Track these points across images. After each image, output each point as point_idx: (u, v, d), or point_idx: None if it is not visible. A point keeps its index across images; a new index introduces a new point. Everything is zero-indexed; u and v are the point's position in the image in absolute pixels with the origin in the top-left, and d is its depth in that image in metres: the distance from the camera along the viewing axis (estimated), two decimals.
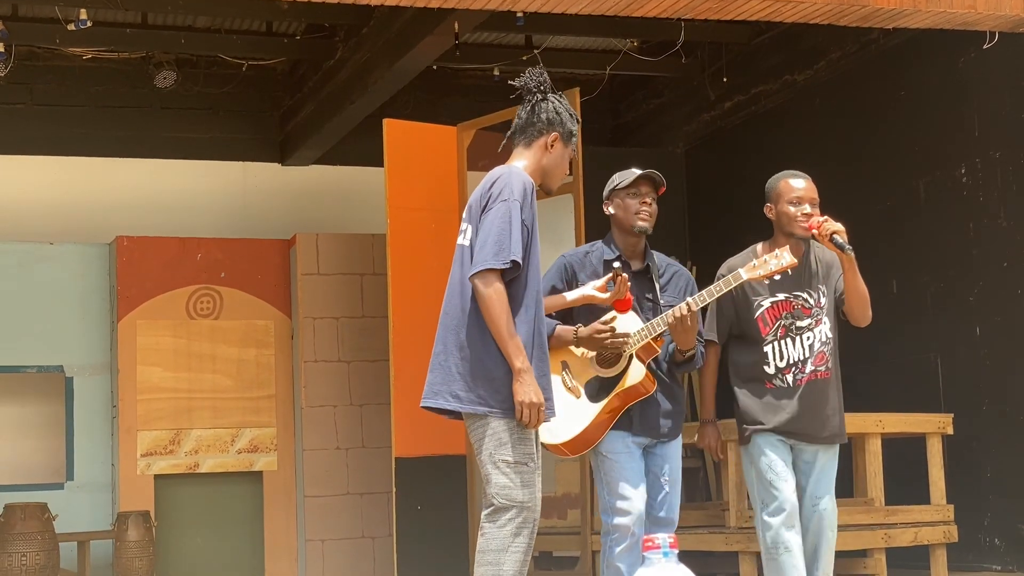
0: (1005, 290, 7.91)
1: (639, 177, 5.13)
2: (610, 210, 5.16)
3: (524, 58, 10.28)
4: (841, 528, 7.22)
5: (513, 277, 4.25)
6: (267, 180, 10.88)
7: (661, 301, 5.07)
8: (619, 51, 10.47)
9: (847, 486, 7.79)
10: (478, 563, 4.21)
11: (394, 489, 8.51)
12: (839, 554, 7.42)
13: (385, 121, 8.68)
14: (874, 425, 7.48)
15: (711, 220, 10.44)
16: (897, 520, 7.50)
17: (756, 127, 10.07)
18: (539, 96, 4.53)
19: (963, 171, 8.22)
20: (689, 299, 4.89)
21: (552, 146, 4.49)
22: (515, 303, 4.25)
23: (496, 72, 10.53)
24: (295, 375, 10.13)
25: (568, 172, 4.65)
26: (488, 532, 4.21)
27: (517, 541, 4.19)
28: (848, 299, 5.16)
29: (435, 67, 9.83)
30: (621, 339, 4.84)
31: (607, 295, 4.81)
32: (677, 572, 3.07)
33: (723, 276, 5.19)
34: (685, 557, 3.30)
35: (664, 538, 3.07)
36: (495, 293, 4.17)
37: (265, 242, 10.32)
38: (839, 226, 5.05)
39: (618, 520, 4.91)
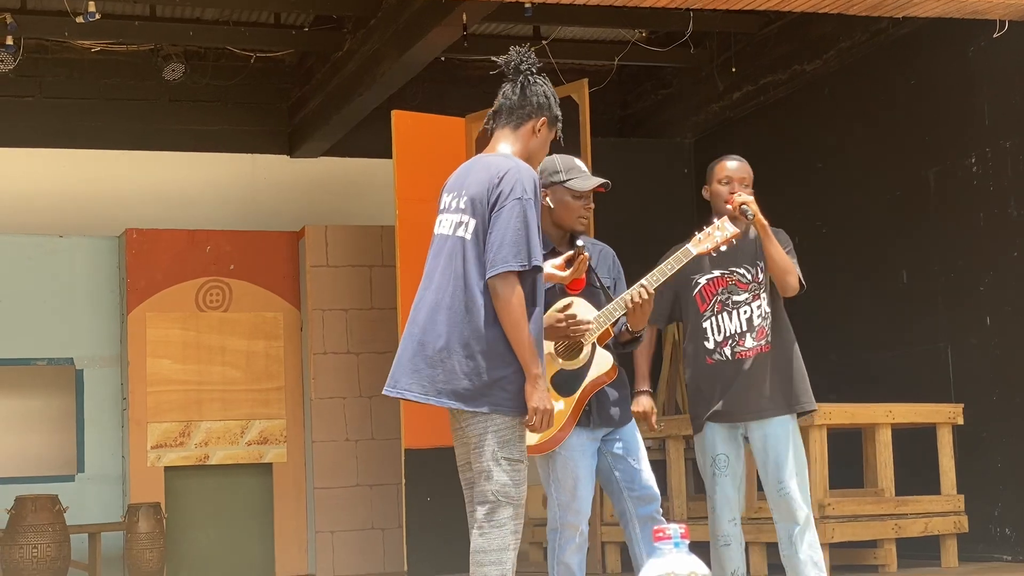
0: (1015, 280, 7.90)
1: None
2: (548, 201, 4.88)
3: (532, 49, 10.25)
4: (851, 518, 7.24)
5: (528, 279, 4.16)
6: (276, 172, 10.88)
7: (604, 283, 5.02)
8: (627, 42, 10.46)
9: (857, 476, 7.80)
10: (478, 563, 4.14)
11: (403, 480, 8.52)
12: (849, 544, 7.45)
13: (393, 113, 8.68)
14: (884, 415, 7.48)
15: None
16: (907, 510, 7.50)
17: (765, 117, 10.06)
18: (530, 78, 4.39)
19: (973, 160, 8.20)
20: (644, 281, 4.85)
21: (539, 131, 4.37)
22: (527, 304, 4.14)
23: None
24: (304, 367, 10.14)
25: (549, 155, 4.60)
26: (489, 532, 4.15)
27: (515, 539, 4.17)
28: (770, 268, 5.17)
29: (443, 58, 9.83)
30: (582, 325, 4.78)
31: (567, 273, 4.74)
32: (688, 562, 3.06)
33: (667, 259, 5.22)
34: (695, 548, 3.30)
35: (675, 528, 3.06)
36: (516, 297, 4.07)
37: (274, 234, 10.33)
38: (747, 197, 5.17)
39: (570, 519, 4.89)
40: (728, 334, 5.16)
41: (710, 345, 5.18)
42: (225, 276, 10.10)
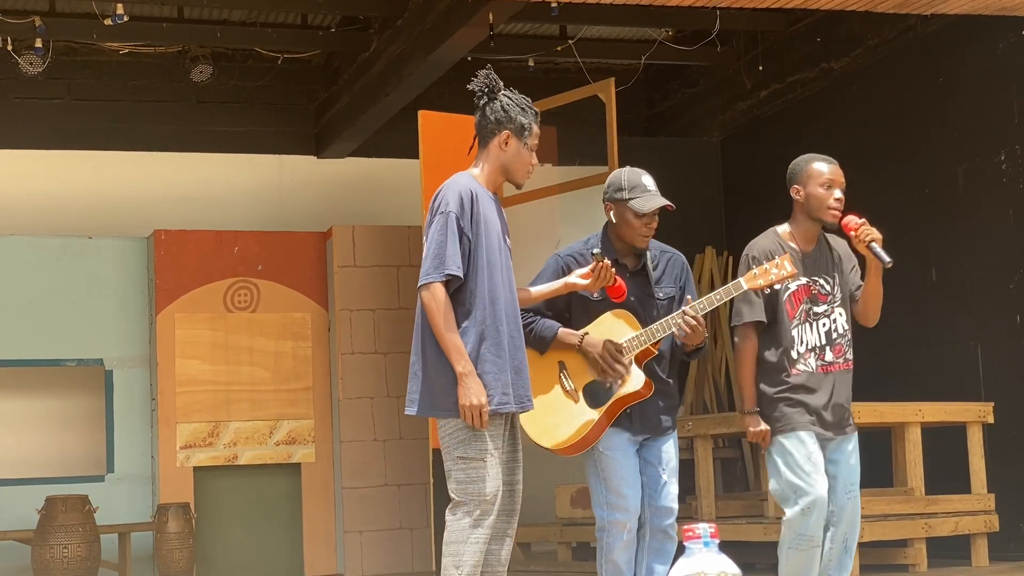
0: None
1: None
2: (611, 216, 4.99)
3: (559, 48, 10.27)
4: (881, 518, 7.21)
5: (458, 286, 4.43)
6: (303, 173, 10.91)
7: (658, 296, 5.01)
8: (654, 40, 10.44)
9: (886, 476, 7.76)
10: (443, 554, 4.49)
11: (431, 480, 8.53)
12: (879, 544, 7.42)
13: (420, 113, 8.69)
14: (914, 414, 7.44)
15: (747, 209, 10.40)
16: (937, 510, 7.46)
17: (792, 115, 10.03)
18: (486, 99, 4.68)
19: (1002, 158, 8.15)
20: (687, 308, 4.82)
21: (506, 144, 4.63)
22: (463, 308, 4.43)
23: (531, 63, 10.52)
24: (332, 367, 10.16)
25: (534, 161, 4.67)
26: (449, 525, 4.49)
27: (476, 533, 4.43)
28: (868, 301, 5.05)
29: (470, 58, 9.83)
30: (621, 373, 4.82)
31: (587, 282, 4.80)
32: (718, 562, 3.06)
33: (746, 258, 5.10)
34: (724, 547, 3.30)
35: (705, 528, 3.07)
36: (433, 302, 4.39)
37: (301, 235, 10.35)
38: (877, 234, 4.93)
39: (617, 516, 4.90)
40: (810, 346, 5.03)
41: (794, 355, 5.03)
42: (253, 277, 10.13)
